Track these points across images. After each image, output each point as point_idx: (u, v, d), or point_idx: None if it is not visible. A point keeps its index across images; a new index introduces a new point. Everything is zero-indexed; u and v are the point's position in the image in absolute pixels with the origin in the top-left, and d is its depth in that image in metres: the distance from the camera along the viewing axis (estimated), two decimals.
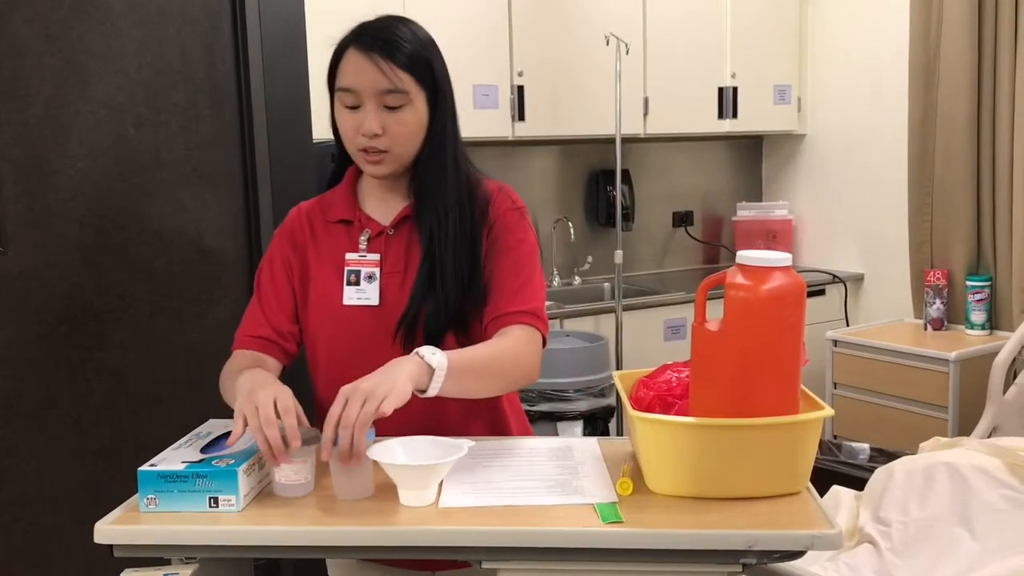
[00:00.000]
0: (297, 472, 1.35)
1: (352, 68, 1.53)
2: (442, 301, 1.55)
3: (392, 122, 1.53)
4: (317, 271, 1.63)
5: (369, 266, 1.59)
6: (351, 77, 1.53)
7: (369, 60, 1.52)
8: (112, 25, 2.07)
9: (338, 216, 1.64)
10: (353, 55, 1.54)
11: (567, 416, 3.06)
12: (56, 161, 2.04)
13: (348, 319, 1.58)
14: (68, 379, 2.10)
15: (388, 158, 1.56)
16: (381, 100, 1.52)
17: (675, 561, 1.24)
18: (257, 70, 2.22)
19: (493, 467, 1.43)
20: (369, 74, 1.52)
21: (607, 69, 3.54)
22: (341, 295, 1.59)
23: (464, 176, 1.62)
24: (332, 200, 1.67)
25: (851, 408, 3.69)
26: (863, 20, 4.17)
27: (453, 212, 1.58)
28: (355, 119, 1.54)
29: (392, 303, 1.57)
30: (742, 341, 1.29)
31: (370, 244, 1.61)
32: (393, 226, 1.62)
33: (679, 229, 4.52)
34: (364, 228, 1.62)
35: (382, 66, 1.51)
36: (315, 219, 1.67)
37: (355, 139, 1.55)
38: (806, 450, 1.33)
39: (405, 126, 1.54)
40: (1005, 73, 3.53)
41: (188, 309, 2.21)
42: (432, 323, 1.55)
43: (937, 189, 3.74)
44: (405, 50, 1.53)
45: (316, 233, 1.65)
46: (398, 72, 1.52)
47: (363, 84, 1.52)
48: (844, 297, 4.25)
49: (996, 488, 2.17)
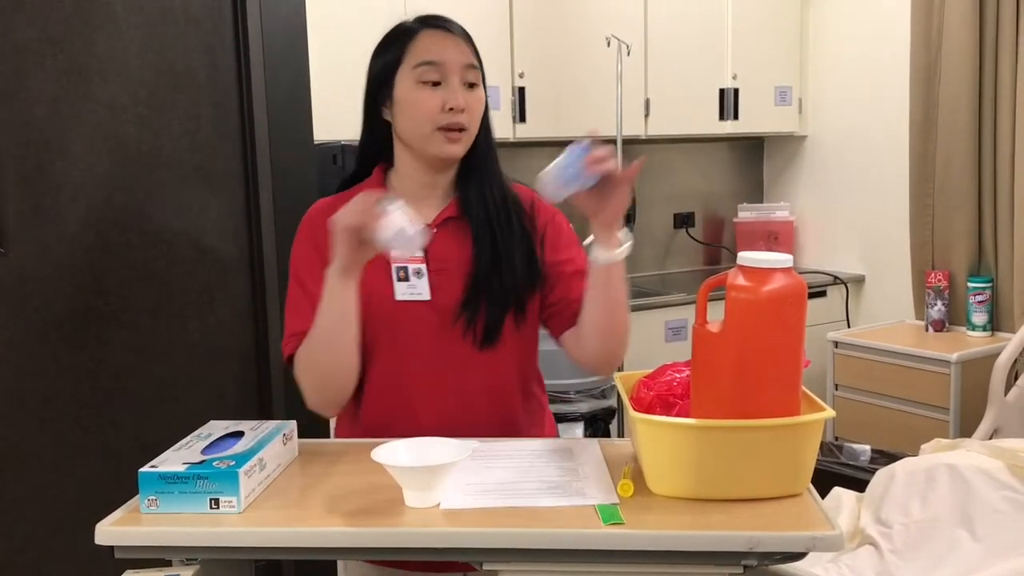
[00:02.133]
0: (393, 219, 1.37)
1: (435, 44, 1.57)
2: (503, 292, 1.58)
3: (472, 100, 1.57)
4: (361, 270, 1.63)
5: (416, 262, 1.60)
6: (436, 51, 1.56)
7: (451, 36, 1.57)
8: (114, 26, 2.07)
9: None
10: (432, 33, 1.58)
11: (568, 418, 3.06)
12: (58, 162, 2.04)
13: (403, 314, 1.59)
14: (69, 380, 2.10)
15: (465, 137, 1.58)
16: (464, 75, 1.56)
17: (676, 563, 1.24)
18: (258, 71, 2.22)
19: (495, 469, 1.43)
20: (454, 48, 1.56)
21: (608, 70, 3.54)
22: (392, 291, 1.60)
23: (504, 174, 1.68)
24: None
25: (852, 409, 3.68)
26: (864, 21, 4.17)
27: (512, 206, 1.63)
28: (438, 96, 1.55)
29: (444, 297, 1.59)
30: (743, 342, 1.29)
31: None
32: (437, 225, 1.62)
33: (680, 230, 4.51)
34: None
35: (461, 43, 1.57)
36: None
37: (436, 117, 1.55)
38: (807, 451, 1.33)
39: (480, 104, 1.59)
40: (1006, 74, 3.53)
41: (189, 310, 2.21)
42: (491, 314, 1.58)
43: (938, 190, 3.74)
44: (468, 34, 1.60)
45: None
46: (472, 51, 1.58)
47: (449, 57, 1.55)
48: (845, 298, 4.25)
49: (997, 490, 2.17)
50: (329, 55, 2.84)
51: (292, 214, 2.25)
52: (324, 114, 2.44)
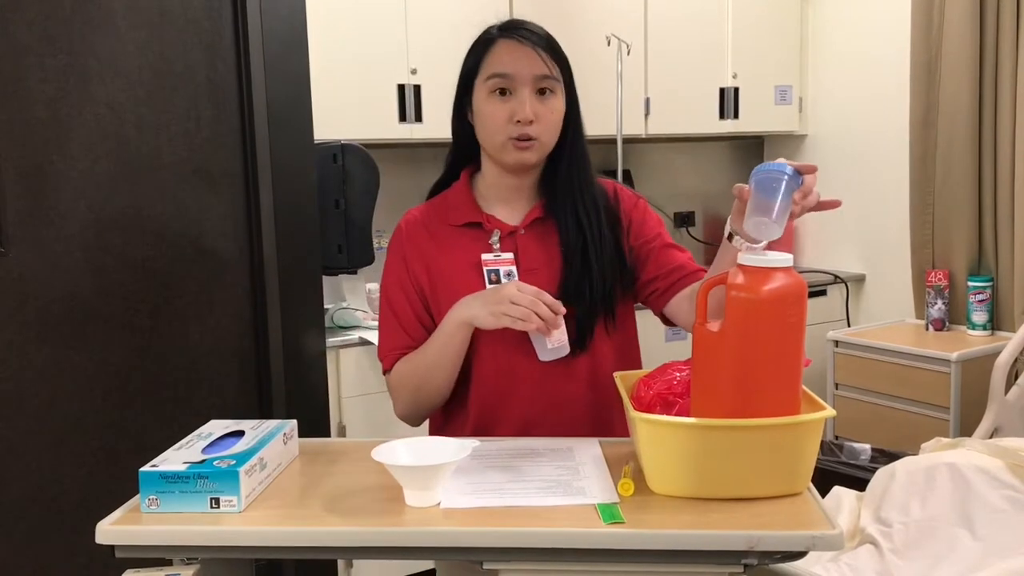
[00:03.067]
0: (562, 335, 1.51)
1: (507, 55, 1.58)
2: (594, 291, 1.60)
3: (543, 109, 1.58)
4: (452, 274, 1.65)
5: (506, 264, 1.63)
6: (507, 63, 1.58)
7: (525, 47, 1.58)
8: (113, 26, 2.07)
9: (464, 219, 1.67)
10: (507, 43, 1.59)
11: None
12: (57, 162, 2.04)
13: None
14: (69, 380, 2.10)
15: (537, 145, 1.59)
16: (536, 85, 1.57)
17: (676, 562, 1.24)
18: (258, 71, 2.22)
19: (495, 468, 1.43)
20: (526, 59, 1.57)
21: (608, 70, 3.54)
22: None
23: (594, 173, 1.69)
24: (451, 204, 1.69)
25: (852, 409, 3.69)
26: (864, 20, 4.17)
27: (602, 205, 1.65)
28: (507, 107, 1.57)
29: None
30: (743, 342, 1.29)
31: (502, 244, 1.65)
32: (525, 226, 1.65)
33: (680, 230, 4.52)
34: (494, 229, 1.65)
35: (539, 52, 1.57)
36: (433, 224, 1.69)
37: (506, 127, 1.58)
38: (807, 451, 1.33)
39: (555, 114, 1.60)
40: (1006, 73, 3.53)
41: (189, 310, 2.21)
42: (584, 317, 1.61)
43: (938, 189, 3.74)
44: (551, 42, 1.62)
45: (439, 237, 1.68)
46: (549, 59, 1.58)
47: (519, 69, 1.57)
48: (845, 298, 4.25)
49: (998, 489, 2.17)
50: (329, 54, 2.84)
51: (292, 214, 2.26)
52: (324, 113, 2.44)
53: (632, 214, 1.71)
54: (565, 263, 1.63)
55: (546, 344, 1.56)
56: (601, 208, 1.66)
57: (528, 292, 1.49)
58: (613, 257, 1.65)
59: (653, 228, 1.71)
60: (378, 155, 2.99)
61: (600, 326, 1.64)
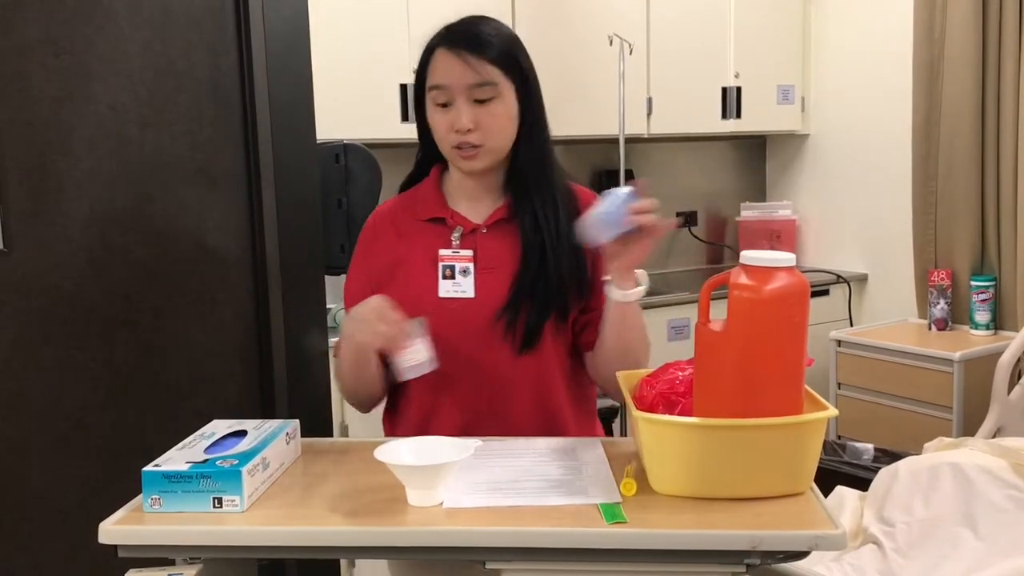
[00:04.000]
0: (416, 352, 1.47)
1: (441, 66, 1.58)
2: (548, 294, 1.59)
3: (483, 115, 1.58)
4: (409, 266, 1.67)
5: (463, 261, 1.63)
6: (440, 74, 1.58)
7: (456, 56, 1.57)
8: (115, 26, 2.07)
9: (429, 214, 1.68)
10: (442, 54, 1.59)
11: None
12: (60, 162, 2.04)
13: (444, 311, 1.62)
14: (72, 379, 2.10)
15: (482, 152, 1.60)
16: (471, 94, 1.57)
17: (679, 561, 1.24)
18: (261, 70, 2.22)
19: (498, 467, 1.43)
20: (457, 69, 1.56)
21: (610, 69, 3.54)
22: (436, 288, 1.63)
23: (559, 171, 1.69)
24: (419, 199, 1.71)
25: (855, 408, 3.68)
26: (866, 19, 4.16)
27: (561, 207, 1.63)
28: (447, 117, 1.58)
29: (487, 296, 1.61)
30: (746, 341, 1.29)
31: (463, 241, 1.65)
32: (487, 225, 1.66)
33: (683, 229, 4.51)
34: (457, 226, 1.66)
35: (470, 60, 1.56)
36: (400, 218, 1.71)
37: (448, 137, 1.59)
38: (810, 450, 1.33)
39: (497, 118, 1.59)
40: (1009, 72, 3.53)
41: (192, 309, 2.21)
42: (533, 317, 1.60)
43: (941, 189, 3.73)
44: (491, 43, 1.58)
45: (404, 231, 1.70)
46: (485, 65, 1.57)
47: (452, 79, 1.57)
48: (848, 297, 4.24)
49: (1001, 488, 2.17)
50: (332, 54, 2.84)
51: (295, 213, 2.26)
52: (327, 113, 2.44)
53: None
54: (522, 262, 1.62)
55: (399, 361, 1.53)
56: (562, 209, 1.64)
57: (368, 310, 1.51)
58: (572, 260, 1.63)
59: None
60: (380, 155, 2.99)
61: (551, 329, 1.63)
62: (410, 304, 1.63)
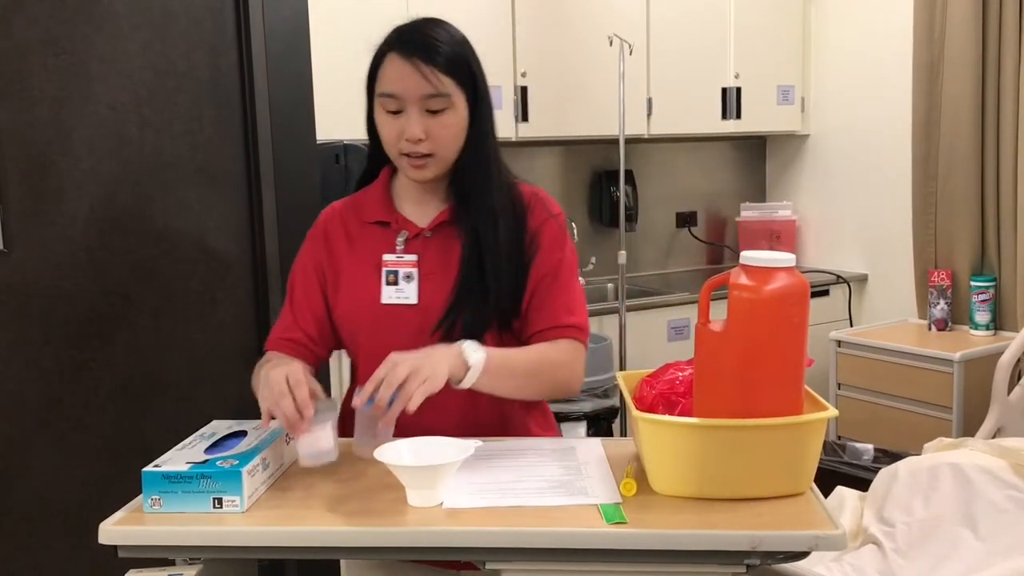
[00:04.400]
0: (318, 440, 1.38)
1: (394, 74, 1.54)
2: (486, 303, 1.57)
3: (435, 126, 1.54)
4: (354, 271, 1.64)
5: (407, 266, 1.61)
6: (393, 83, 1.54)
7: (411, 65, 1.52)
8: (115, 26, 2.07)
9: (374, 217, 1.66)
10: (395, 60, 1.54)
11: (571, 417, 3.06)
12: (60, 162, 2.05)
13: (387, 318, 1.60)
14: (72, 380, 2.10)
15: (431, 162, 1.57)
16: (424, 104, 1.53)
17: (679, 562, 1.24)
18: (261, 71, 2.22)
19: (498, 468, 1.43)
20: (411, 79, 1.52)
21: (610, 70, 3.54)
22: (379, 294, 1.61)
23: (505, 178, 1.65)
24: (366, 201, 1.68)
25: (855, 409, 3.68)
26: (866, 20, 4.16)
27: (500, 215, 1.60)
28: (397, 124, 1.55)
29: (430, 303, 1.59)
30: (746, 342, 1.29)
31: (407, 245, 1.63)
32: (431, 229, 1.63)
33: (683, 230, 4.51)
34: (401, 230, 1.64)
35: (424, 70, 1.52)
36: (349, 220, 1.68)
37: (397, 144, 1.56)
38: (810, 451, 1.33)
39: (448, 129, 1.56)
40: (1009, 72, 3.53)
41: (192, 310, 2.21)
42: (472, 324, 1.57)
43: (941, 189, 3.73)
44: (445, 53, 1.54)
45: (351, 233, 1.67)
46: (440, 76, 1.53)
47: (406, 89, 1.53)
48: (848, 297, 4.24)
49: (1001, 489, 2.17)
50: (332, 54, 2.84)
51: (295, 214, 2.26)
52: (327, 113, 2.44)
53: (536, 235, 1.63)
54: (461, 268, 1.59)
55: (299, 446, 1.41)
56: (501, 218, 1.60)
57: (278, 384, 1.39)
58: (510, 268, 1.59)
59: (547, 260, 1.63)
60: None
61: (494, 337, 1.59)
62: (354, 310, 1.63)
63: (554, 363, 1.60)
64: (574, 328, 1.62)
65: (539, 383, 1.60)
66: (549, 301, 1.62)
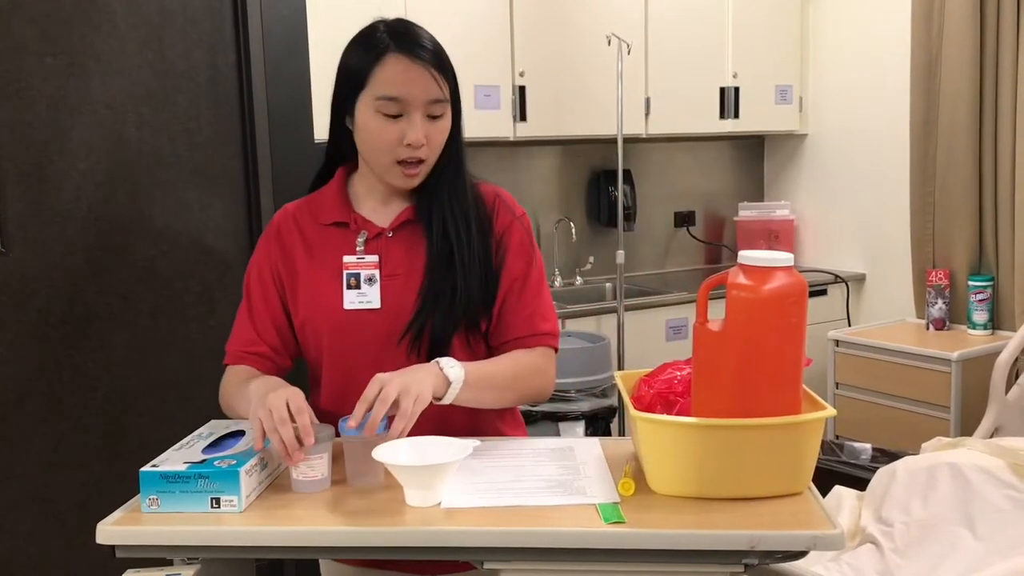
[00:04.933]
0: (313, 468, 1.37)
1: (401, 76, 1.48)
2: (454, 304, 1.53)
3: (434, 131, 1.51)
4: (311, 275, 1.59)
5: (368, 268, 1.56)
6: (400, 85, 1.48)
7: (421, 67, 1.48)
8: (113, 25, 2.07)
9: (332, 219, 1.60)
10: (400, 61, 1.48)
11: (569, 416, 3.06)
12: (58, 161, 2.04)
13: (350, 323, 1.56)
14: (70, 380, 2.10)
15: (423, 167, 1.54)
16: (427, 110, 1.50)
17: (677, 561, 1.23)
18: (259, 70, 2.22)
19: (496, 468, 1.43)
20: (420, 83, 1.48)
21: (609, 69, 3.54)
22: (341, 299, 1.56)
23: (469, 178, 1.61)
24: (322, 202, 1.63)
25: (853, 408, 3.68)
26: (864, 20, 4.17)
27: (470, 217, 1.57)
28: (397, 129, 1.49)
29: (394, 306, 1.55)
30: (744, 341, 1.29)
31: (367, 246, 1.58)
32: (392, 228, 1.59)
33: (681, 229, 4.51)
34: (361, 230, 1.59)
35: (434, 75, 1.49)
36: (304, 222, 1.62)
37: (394, 150, 1.50)
38: (808, 450, 1.33)
39: (443, 135, 1.53)
40: (1007, 72, 3.53)
41: (190, 309, 2.21)
42: (440, 328, 1.54)
43: (939, 189, 3.74)
44: (440, 55, 1.52)
45: (307, 236, 1.61)
46: (443, 81, 1.51)
47: (413, 93, 1.48)
48: (846, 297, 4.25)
49: (999, 488, 2.17)
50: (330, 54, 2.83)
51: None
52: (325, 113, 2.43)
53: (502, 237, 1.60)
54: (429, 267, 1.55)
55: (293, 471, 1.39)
56: (472, 217, 1.57)
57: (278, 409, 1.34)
58: (482, 270, 1.56)
59: (517, 265, 1.60)
60: None
61: (462, 340, 1.58)
62: (315, 317, 1.58)
63: (530, 371, 1.59)
64: (549, 335, 1.62)
65: (516, 392, 1.59)
66: (523, 308, 1.60)
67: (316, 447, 1.36)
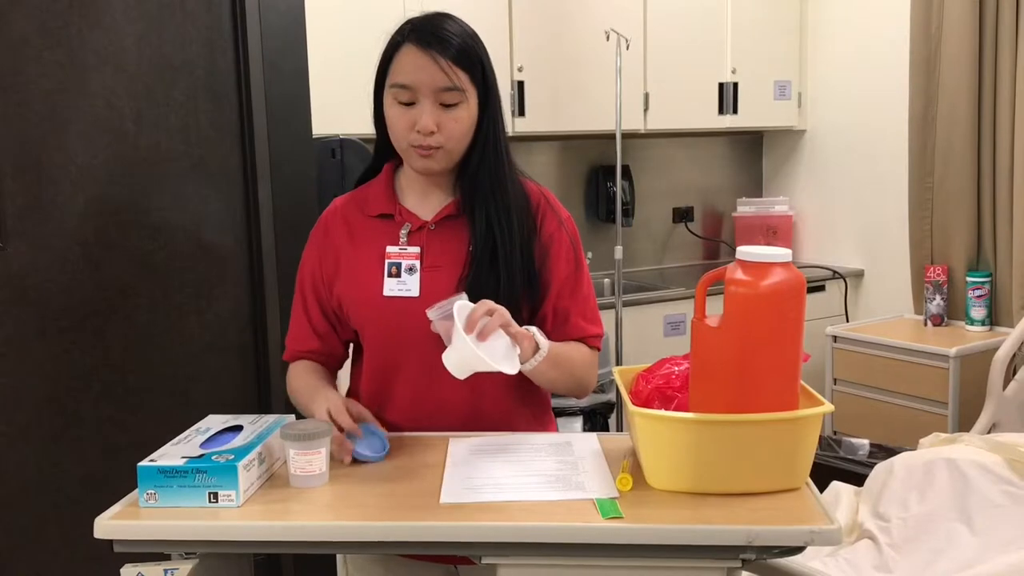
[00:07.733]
0: (311, 463, 1.38)
1: (409, 65, 1.53)
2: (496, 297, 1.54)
3: (447, 119, 1.54)
4: (357, 264, 1.64)
5: (409, 258, 1.61)
6: (408, 74, 1.53)
7: (428, 56, 1.52)
8: (111, 20, 2.07)
9: (378, 211, 1.66)
10: (410, 51, 1.54)
11: (567, 412, 3.07)
12: (56, 156, 2.04)
13: (390, 310, 1.60)
14: (68, 374, 2.10)
15: (439, 154, 1.57)
16: (438, 97, 1.53)
17: (675, 557, 1.24)
18: (257, 65, 2.22)
19: (494, 463, 1.43)
20: (428, 71, 1.52)
21: (607, 64, 3.53)
22: (381, 286, 1.61)
23: (515, 174, 1.65)
24: (370, 195, 1.69)
25: (851, 404, 3.69)
26: (863, 15, 4.17)
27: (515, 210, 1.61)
28: (409, 115, 1.54)
29: (432, 296, 1.57)
30: (742, 337, 1.29)
31: (410, 238, 1.63)
32: (435, 222, 1.63)
33: (679, 225, 4.51)
34: (405, 222, 1.64)
35: (441, 63, 1.52)
36: (352, 214, 1.68)
37: (408, 135, 1.55)
38: (806, 446, 1.33)
39: (459, 123, 1.56)
40: (1006, 69, 3.53)
41: (188, 304, 2.21)
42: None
43: (937, 185, 3.74)
44: (460, 46, 1.54)
45: (354, 227, 1.67)
46: (456, 69, 1.53)
47: (421, 81, 1.52)
48: (844, 293, 4.25)
49: (996, 484, 2.17)
50: (328, 48, 2.83)
51: (291, 208, 2.26)
52: (323, 108, 2.43)
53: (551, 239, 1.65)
54: (471, 263, 1.59)
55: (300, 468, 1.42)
56: (514, 212, 1.61)
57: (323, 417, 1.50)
58: (523, 265, 1.60)
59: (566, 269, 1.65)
60: None
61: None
62: (357, 302, 1.63)
63: (587, 364, 1.66)
64: (597, 338, 1.69)
65: (574, 380, 1.64)
66: (574, 313, 1.65)
67: (314, 443, 1.37)
